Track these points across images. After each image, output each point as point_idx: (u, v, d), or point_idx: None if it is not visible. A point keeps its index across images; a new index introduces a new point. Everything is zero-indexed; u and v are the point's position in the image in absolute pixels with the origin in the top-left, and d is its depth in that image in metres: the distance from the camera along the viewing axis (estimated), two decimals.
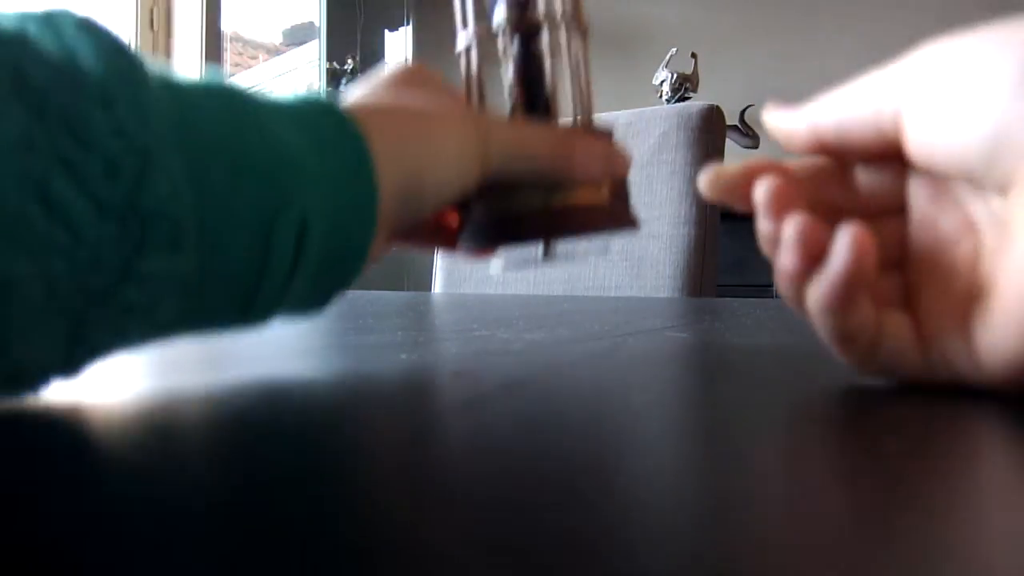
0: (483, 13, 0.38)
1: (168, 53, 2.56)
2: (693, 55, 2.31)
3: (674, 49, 2.32)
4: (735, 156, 2.25)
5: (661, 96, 2.31)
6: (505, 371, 0.31)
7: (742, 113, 2.25)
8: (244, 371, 0.30)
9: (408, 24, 3.00)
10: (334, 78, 2.74)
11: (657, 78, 2.32)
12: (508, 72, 0.38)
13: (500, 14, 0.37)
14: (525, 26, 0.37)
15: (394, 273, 2.89)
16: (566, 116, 0.38)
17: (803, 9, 2.37)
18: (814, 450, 0.18)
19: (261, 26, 2.89)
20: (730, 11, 2.47)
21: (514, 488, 0.15)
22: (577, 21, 0.38)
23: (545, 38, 0.37)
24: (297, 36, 2.90)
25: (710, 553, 0.12)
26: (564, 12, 0.37)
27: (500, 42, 0.37)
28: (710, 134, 1.20)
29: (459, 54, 0.39)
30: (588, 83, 0.38)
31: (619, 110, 1.32)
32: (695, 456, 0.18)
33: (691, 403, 0.25)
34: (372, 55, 3.00)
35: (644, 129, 1.25)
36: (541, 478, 0.16)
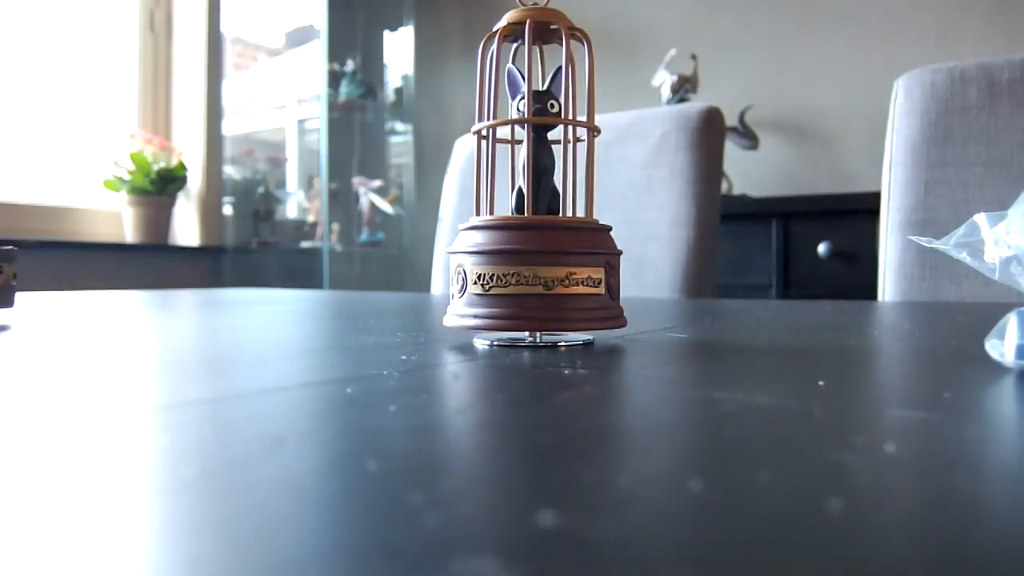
0: (501, 99, 0.42)
1: (169, 55, 2.56)
2: (693, 56, 2.31)
3: (674, 50, 2.32)
4: (735, 157, 2.25)
5: (661, 97, 2.31)
6: (504, 372, 0.31)
7: (742, 114, 2.25)
8: (246, 375, 0.30)
9: (408, 25, 3.00)
10: (335, 79, 2.74)
11: (657, 79, 2.33)
12: (520, 158, 0.41)
13: (520, 107, 0.41)
14: (542, 121, 0.40)
15: (394, 273, 2.89)
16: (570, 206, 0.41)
17: (802, 11, 2.37)
18: (813, 450, 0.19)
19: (261, 28, 2.89)
20: (730, 13, 2.47)
21: (510, 486, 0.15)
22: (590, 120, 0.42)
23: (559, 134, 0.41)
24: (297, 38, 2.90)
25: (705, 552, 0.12)
26: (578, 111, 0.41)
27: (517, 131, 0.42)
28: (710, 135, 1.21)
29: (475, 133, 0.42)
30: (592, 180, 0.42)
31: (619, 111, 1.32)
32: (692, 457, 0.18)
33: (690, 404, 0.25)
34: (373, 56, 3.00)
35: (644, 130, 1.25)
36: (533, 478, 0.16)
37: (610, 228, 0.42)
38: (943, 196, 0.96)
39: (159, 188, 2.40)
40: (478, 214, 0.42)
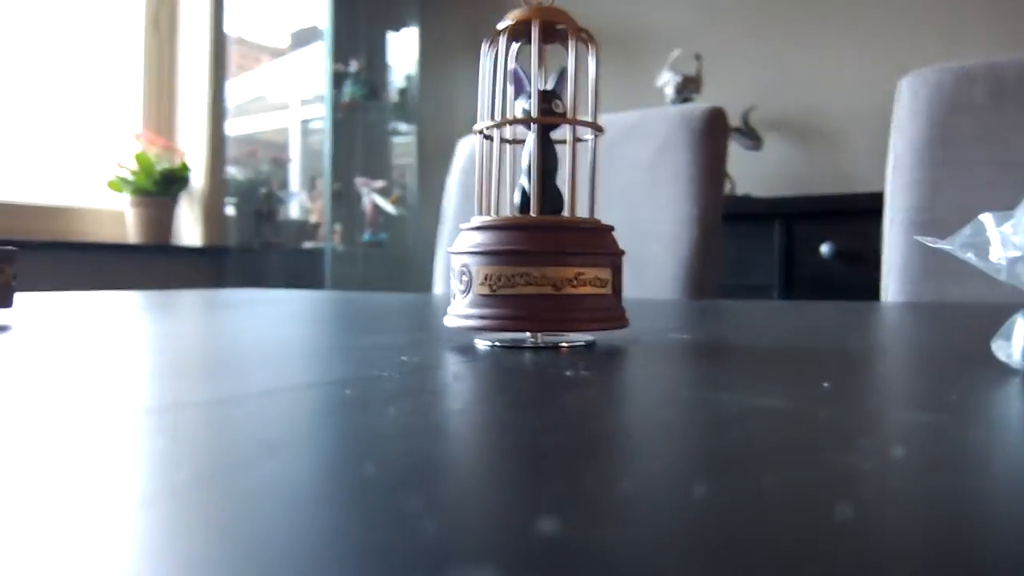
0: (507, 100, 0.41)
1: (173, 56, 2.57)
2: (697, 56, 2.31)
3: (678, 50, 2.32)
4: (739, 158, 2.25)
5: (665, 98, 2.31)
6: (508, 374, 0.31)
7: (745, 115, 2.24)
8: (245, 376, 0.30)
9: (412, 26, 3.00)
10: (338, 80, 2.74)
11: (661, 80, 2.32)
12: (524, 158, 0.41)
13: (525, 105, 0.40)
14: (547, 120, 0.40)
15: (397, 274, 2.89)
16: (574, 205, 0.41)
17: (807, 11, 2.36)
18: (820, 455, 0.18)
19: (265, 29, 2.89)
20: (734, 13, 2.46)
21: (512, 491, 0.15)
22: (595, 118, 0.41)
23: (566, 134, 0.40)
24: (301, 38, 2.90)
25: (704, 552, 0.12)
26: (586, 110, 0.41)
27: (519, 131, 0.42)
28: (713, 136, 1.20)
29: (477, 132, 0.42)
30: (596, 180, 0.42)
31: (622, 111, 1.32)
32: (698, 462, 0.18)
33: (695, 406, 0.25)
34: (377, 57, 3.00)
35: (647, 130, 1.25)
36: (537, 483, 0.16)
37: (613, 228, 0.41)
38: (948, 197, 0.96)
39: (162, 189, 2.40)
40: (480, 213, 0.42)
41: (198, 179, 2.54)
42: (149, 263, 2.40)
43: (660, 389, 0.28)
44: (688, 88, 2.28)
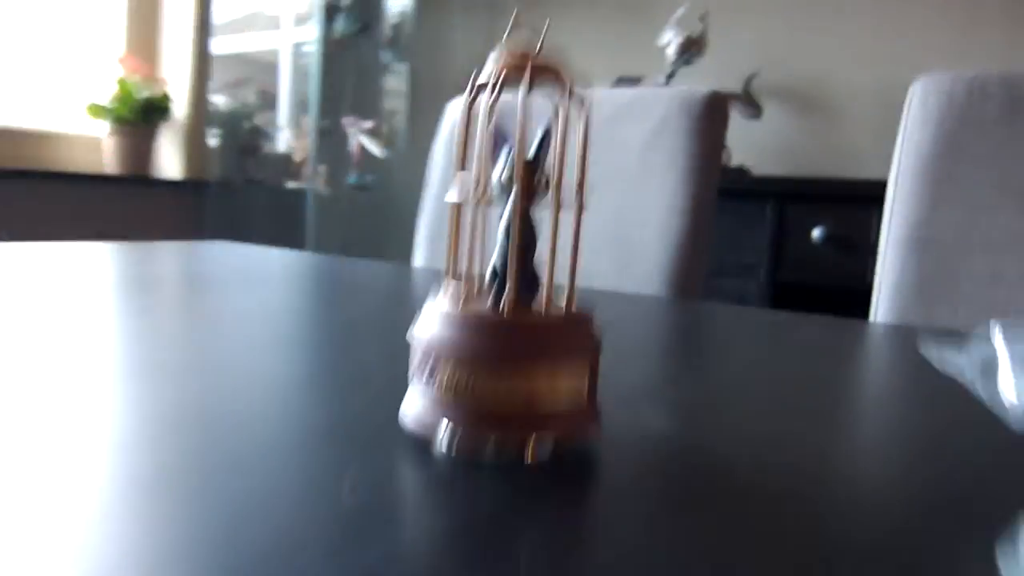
0: (484, 162, 0.36)
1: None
2: (702, 17, 2.23)
3: (682, 9, 2.24)
4: (736, 127, 2.19)
5: (666, 58, 2.23)
6: (453, 520, 0.28)
7: (747, 83, 2.18)
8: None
9: None
10: (331, 12, 2.64)
11: (663, 39, 2.24)
12: (501, 229, 0.37)
13: (505, 171, 0.36)
14: (529, 190, 0.36)
15: (381, 219, 2.84)
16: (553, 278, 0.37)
17: None
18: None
19: None
20: None
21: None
22: (580, 192, 0.37)
23: (547, 207, 0.36)
24: None
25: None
26: (570, 183, 0.36)
27: (499, 198, 0.38)
28: (712, 122, 1.15)
29: (451, 205, 0.38)
30: (578, 257, 0.38)
31: (622, 73, 1.27)
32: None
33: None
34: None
35: (643, 111, 1.20)
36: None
37: (592, 314, 0.38)
38: (949, 216, 0.92)
39: (142, 117, 2.32)
40: (450, 278, 0.38)
41: (181, 108, 2.46)
42: (126, 195, 2.33)
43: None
44: (691, 50, 2.21)
